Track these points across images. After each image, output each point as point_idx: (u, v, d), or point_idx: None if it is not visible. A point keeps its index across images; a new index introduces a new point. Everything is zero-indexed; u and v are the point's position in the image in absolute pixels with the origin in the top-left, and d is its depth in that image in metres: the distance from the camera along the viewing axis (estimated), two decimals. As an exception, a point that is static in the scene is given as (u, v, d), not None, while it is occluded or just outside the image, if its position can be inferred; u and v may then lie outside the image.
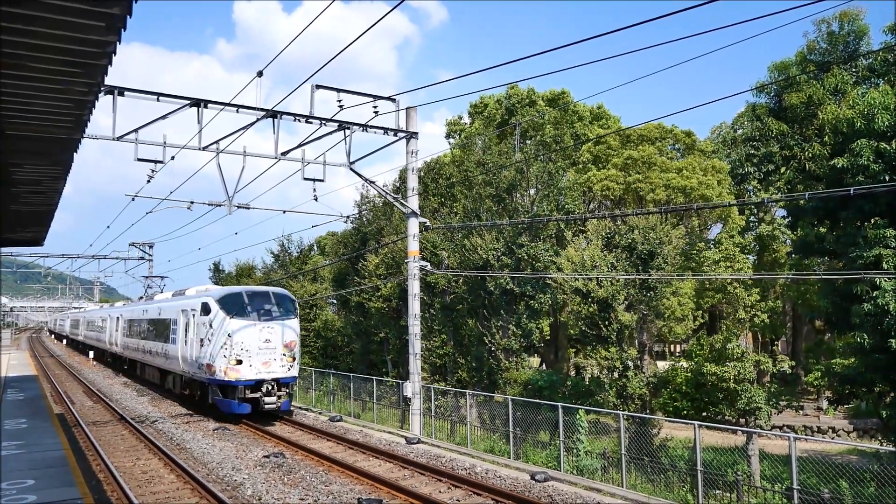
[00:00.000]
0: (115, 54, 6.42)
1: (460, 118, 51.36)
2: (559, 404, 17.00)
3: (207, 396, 22.69)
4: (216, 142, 18.38)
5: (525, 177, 30.77)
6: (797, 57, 32.40)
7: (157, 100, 16.69)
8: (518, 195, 31.20)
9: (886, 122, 25.43)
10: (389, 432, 20.74)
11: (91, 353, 52.45)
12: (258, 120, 17.79)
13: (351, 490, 13.30)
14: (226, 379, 21.01)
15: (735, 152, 35.30)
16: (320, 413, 25.17)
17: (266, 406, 21.25)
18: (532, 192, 31.51)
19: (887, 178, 22.93)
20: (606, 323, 22.83)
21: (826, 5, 24.80)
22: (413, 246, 20.47)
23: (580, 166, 38.50)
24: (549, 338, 38.24)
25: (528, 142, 39.08)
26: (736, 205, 33.25)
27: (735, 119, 39.54)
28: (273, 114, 18.00)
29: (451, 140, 49.70)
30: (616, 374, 23.31)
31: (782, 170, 31.61)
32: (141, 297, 46.34)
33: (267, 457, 16.29)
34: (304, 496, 12.85)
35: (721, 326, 36.36)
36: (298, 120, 18.58)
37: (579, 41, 10.92)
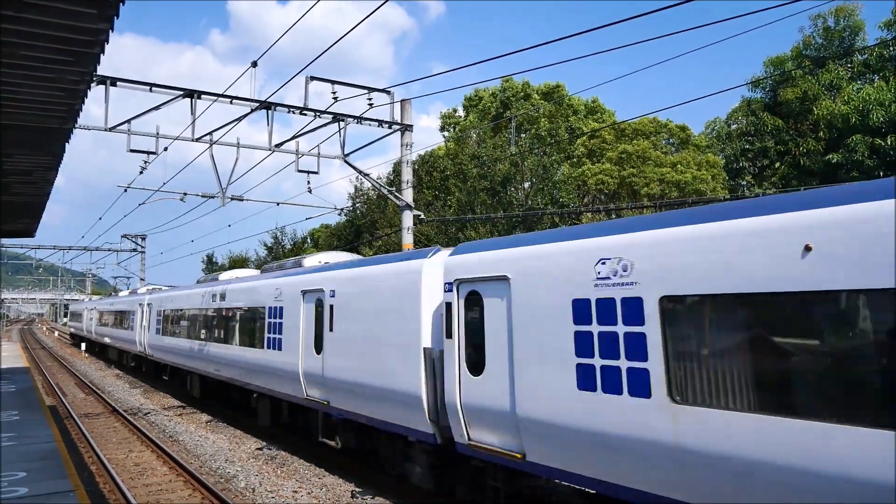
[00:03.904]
0: (107, 42, 6.34)
1: (455, 111, 51.31)
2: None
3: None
4: (209, 133, 18.27)
5: (520, 170, 30.75)
6: (793, 52, 32.40)
7: (150, 90, 16.55)
8: (513, 188, 31.19)
9: (881, 118, 25.52)
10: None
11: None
12: (252, 111, 17.68)
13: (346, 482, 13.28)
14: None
15: (730, 147, 35.34)
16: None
17: None
18: (527, 185, 31.49)
19: (882, 173, 23.00)
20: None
21: None
22: (407, 239, 20.40)
23: (575, 160, 38.48)
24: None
25: (523, 135, 39.02)
26: (730, 200, 33.27)
27: (730, 114, 39.58)
28: (267, 105, 17.89)
29: (446, 133, 49.63)
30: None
31: (777, 165, 31.65)
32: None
33: (260, 449, 16.25)
34: (298, 488, 12.82)
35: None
36: (293, 111, 18.48)
37: (574, 34, 10.88)
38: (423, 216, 22.00)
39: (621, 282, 7.14)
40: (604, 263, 7.40)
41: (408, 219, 20.36)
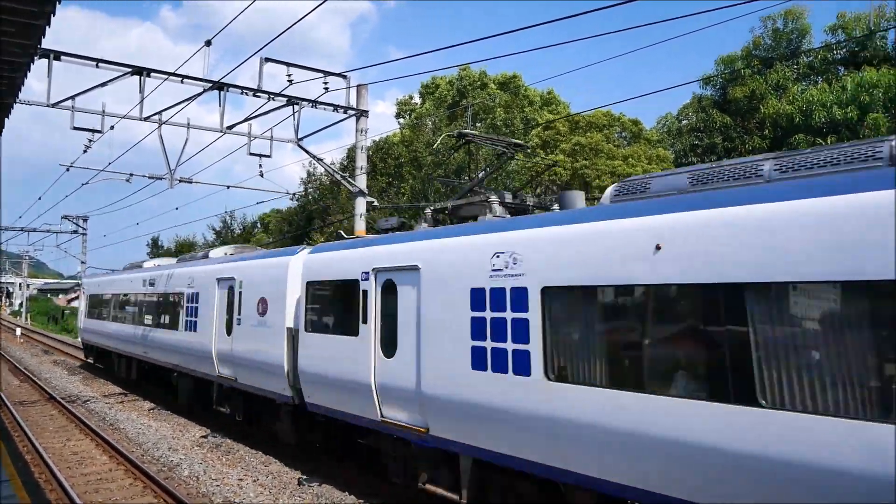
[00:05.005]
0: (53, 14, 6.05)
1: (411, 98, 51.02)
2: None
3: None
4: (159, 113, 17.74)
5: (474, 159, 30.80)
6: (743, 51, 33.15)
7: (97, 66, 15.94)
8: (466, 177, 31.21)
9: (822, 119, 26.38)
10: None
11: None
12: (204, 91, 17.21)
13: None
14: None
15: (680, 142, 36.01)
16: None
17: None
18: (481, 174, 31.54)
19: (823, 173, 23.69)
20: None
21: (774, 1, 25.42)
22: (360, 225, 20.22)
23: (529, 150, 38.70)
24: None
25: (479, 124, 39.05)
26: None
27: (680, 110, 40.30)
28: (220, 86, 17.44)
29: (402, 120, 49.33)
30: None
31: (724, 161, 32.52)
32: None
33: (205, 437, 15.96)
34: (244, 476, 12.64)
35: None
36: (246, 93, 18.04)
37: (533, 25, 10.88)
38: (376, 203, 21.84)
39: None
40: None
41: (361, 205, 20.16)
